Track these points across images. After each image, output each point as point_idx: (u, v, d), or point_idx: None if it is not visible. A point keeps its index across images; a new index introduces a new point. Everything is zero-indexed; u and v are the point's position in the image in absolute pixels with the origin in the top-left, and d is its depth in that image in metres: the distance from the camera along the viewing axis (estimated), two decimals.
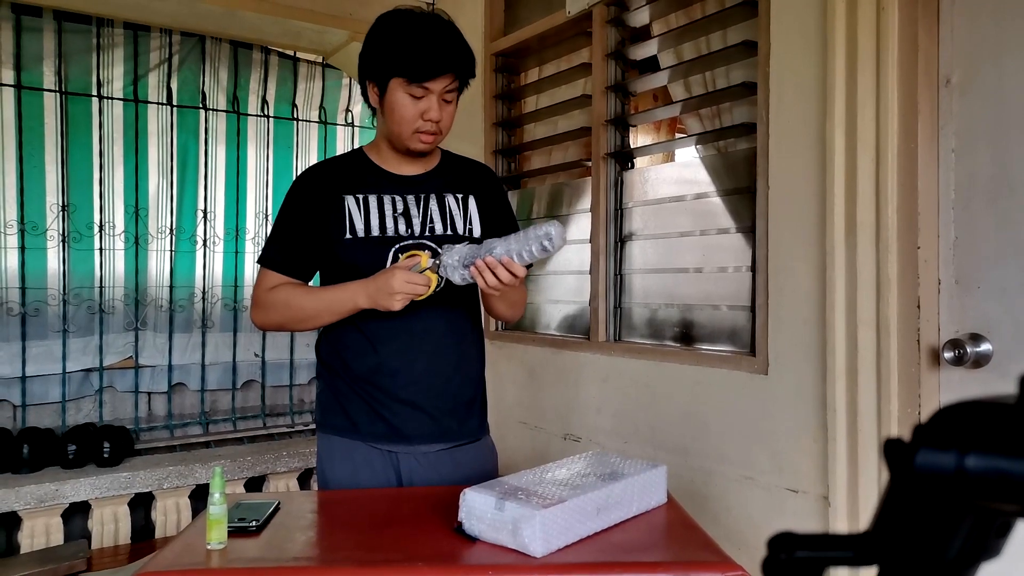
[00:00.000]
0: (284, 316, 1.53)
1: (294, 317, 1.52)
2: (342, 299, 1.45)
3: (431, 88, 1.44)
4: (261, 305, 1.55)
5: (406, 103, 1.45)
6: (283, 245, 1.56)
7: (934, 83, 1.57)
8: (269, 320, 1.55)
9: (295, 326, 1.55)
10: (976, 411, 0.35)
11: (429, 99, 1.44)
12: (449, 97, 1.48)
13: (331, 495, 1.53)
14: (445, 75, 1.43)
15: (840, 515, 1.62)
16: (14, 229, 3.10)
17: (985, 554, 0.36)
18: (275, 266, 1.55)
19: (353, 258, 1.50)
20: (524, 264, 1.32)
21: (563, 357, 2.51)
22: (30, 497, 2.80)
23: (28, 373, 3.15)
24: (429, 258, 1.40)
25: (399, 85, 1.44)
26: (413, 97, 1.44)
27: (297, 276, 1.56)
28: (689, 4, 2.20)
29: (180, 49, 3.47)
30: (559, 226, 1.27)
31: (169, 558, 1.15)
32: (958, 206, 1.54)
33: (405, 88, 1.44)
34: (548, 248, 1.28)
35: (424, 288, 1.38)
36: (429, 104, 1.45)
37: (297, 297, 1.51)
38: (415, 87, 1.43)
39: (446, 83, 1.45)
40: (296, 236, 1.54)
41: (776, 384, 1.81)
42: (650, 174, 2.35)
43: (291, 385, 3.80)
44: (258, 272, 1.59)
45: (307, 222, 1.53)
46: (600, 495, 1.19)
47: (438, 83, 1.44)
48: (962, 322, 1.53)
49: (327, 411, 1.58)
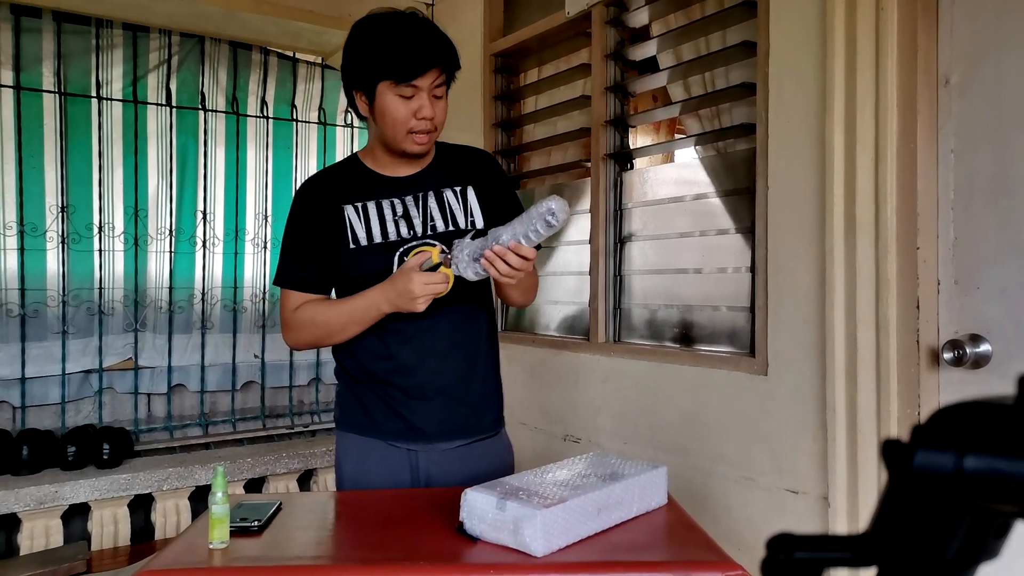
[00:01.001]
0: (314, 334, 1.54)
1: (324, 333, 1.53)
2: (365, 308, 1.45)
3: (420, 86, 1.43)
4: (290, 327, 1.55)
5: (397, 105, 1.44)
6: (297, 263, 1.55)
7: (933, 83, 1.57)
8: (301, 340, 1.56)
9: (327, 341, 1.55)
10: (974, 412, 0.35)
11: (420, 97, 1.44)
12: (439, 92, 1.47)
13: (333, 495, 1.53)
14: (431, 70, 1.43)
15: (840, 515, 1.63)
16: (13, 230, 3.10)
17: (984, 555, 0.36)
18: (294, 285, 1.55)
19: (359, 268, 1.50)
20: (533, 245, 1.31)
21: (563, 358, 2.51)
22: (29, 499, 2.79)
23: (27, 374, 3.15)
24: (440, 253, 1.39)
25: (387, 88, 1.43)
26: (403, 98, 1.44)
27: (317, 291, 1.56)
28: (688, 4, 2.20)
29: (179, 50, 3.47)
30: (559, 199, 1.25)
31: (171, 557, 1.15)
32: (957, 206, 1.54)
33: (394, 90, 1.43)
34: (553, 224, 1.26)
35: (444, 286, 1.38)
36: (420, 102, 1.44)
37: (321, 313, 1.51)
38: (404, 87, 1.43)
39: (433, 78, 1.44)
40: (307, 251, 1.54)
41: (776, 385, 1.81)
42: (649, 175, 2.35)
43: (291, 386, 3.80)
44: (280, 294, 1.59)
45: (314, 236, 1.53)
46: (601, 495, 1.19)
47: (426, 79, 1.43)
48: (961, 322, 1.53)
49: (346, 409, 1.59)
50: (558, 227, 1.28)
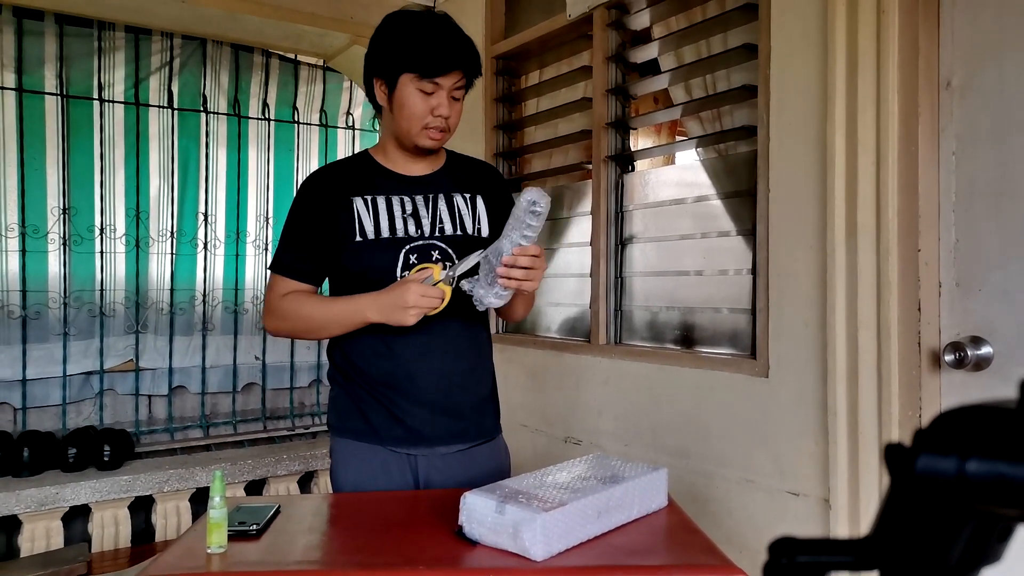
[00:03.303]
0: (294, 325, 1.54)
1: (304, 327, 1.53)
2: (351, 312, 1.45)
3: (441, 84, 1.45)
4: (272, 312, 1.54)
5: (416, 99, 1.46)
6: (294, 250, 1.55)
7: (934, 86, 1.57)
8: (281, 328, 1.56)
9: (303, 335, 1.58)
10: (977, 416, 0.35)
11: (439, 95, 1.46)
12: (457, 94, 1.50)
13: (331, 498, 1.53)
14: (455, 71, 1.46)
15: (841, 518, 1.62)
16: (15, 232, 3.10)
17: (986, 559, 0.36)
18: (287, 272, 1.54)
19: (364, 261, 1.50)
20: (532, 242, 1.36)
21: (564, 360, 2.51)
22: (30, 500, 2.79)
23: (29, 376, 3.15)
24: (441, 271, 1.40)
25: (410, 81, 1.45)
26: (423, 93, 1.46)
27: (309, 281, 1.56)
28: (690, 7, 2.20)
29: (181, 52, 3.47)
30: (534, 189, 1.32)
31: (169, 562, 1.15)
32: (959, 208, 1.54)
33: (416, 84, 1.45)
34: (540, 211, 1.31)
35: (439, 302, 1.39)
36: (439, 100, 1.46)
37: (307, 307, 1.50)
38: (426, 82, 1.45)
39: (455, 79, 1.47)
40: (307, 241, 1.54)
41: (777, 387, 1.81)
42: (651, 177, 2.35)
43: (291, 388, 3.80)
44: (270, 278, 1.58)
45: (316, 226, 1.53)
46: (601, 498, 1.19)
47: (448, 79, 1.45)
48: (963, 325, 1.53)
49: (344, 415, 1.57)
50: (544, 213, 1.33)
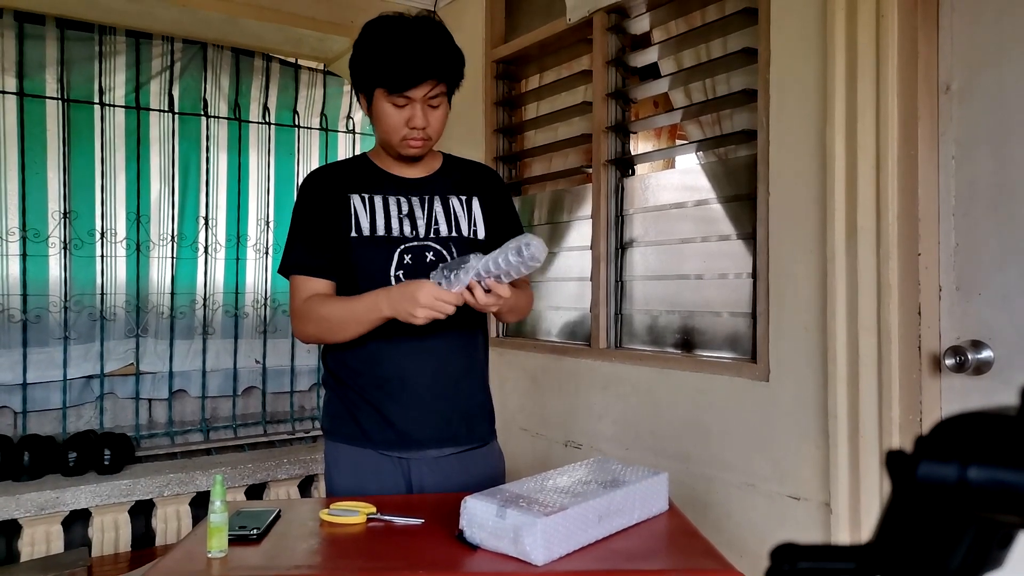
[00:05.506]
0: (317, 327, 1.50)
1: (327, 328, 1.49)
2: (368, 307, 1.42)
3: (413, 96, 1.44)
4: (299, 316, 1.51)
5: (390, 112, 1.46)
6: (306, 247, 1.54)
7: (934, 89, 1.58)
8: (308, 333, 1.52)
9: (328, 337, 1.51)
10: (977, 422, 0.35)
11: (412, 107, 1.45)
12: (435, 102, 1.48)
13: (332, 502, 1.52)
14: (425, 82, 1.43)
15: (842, 522, 1.62)
16: (16, 236, 3.10)
17: (987, 565, 0.36)
18: (302, 270, 1.52)
19: (357, 256, 1.50)
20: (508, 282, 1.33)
21: (564, 364, 2.51)
22: (30, 504, 2.79)
23: (29, 380, 3.14)
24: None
25: (382, 95, 1.46)
26: (396, 106, 1.45)
27: (325, 276, 1.53)
28: (689, 11, 2.20)
29: (182, 57, 3.48)
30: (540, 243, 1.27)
31: (169, 566, 1.15)
32: (958, 212, 1.54)
33: (387, 98, 1.45)
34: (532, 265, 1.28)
35: (452, 309, 1.35)
36: (413, 111, 1.45)
37: (327, 307, 1.48)
38: (396, 96, 1.44)
39: (427, 89, 1.44)
40: (316, 236, 1.53)
41: (777, 391, 1.81)
42: (651, 181, 2.35)
43: (292, 392, 3.80)
44: (290, 284, 1.56)
45: (322, 222, 1.53)
46: (601, 502, 1.19)
47: (419, 91, 1.44)
48: (963, 329, 1.53)
49: (336, 419, 1.57)
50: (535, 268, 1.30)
